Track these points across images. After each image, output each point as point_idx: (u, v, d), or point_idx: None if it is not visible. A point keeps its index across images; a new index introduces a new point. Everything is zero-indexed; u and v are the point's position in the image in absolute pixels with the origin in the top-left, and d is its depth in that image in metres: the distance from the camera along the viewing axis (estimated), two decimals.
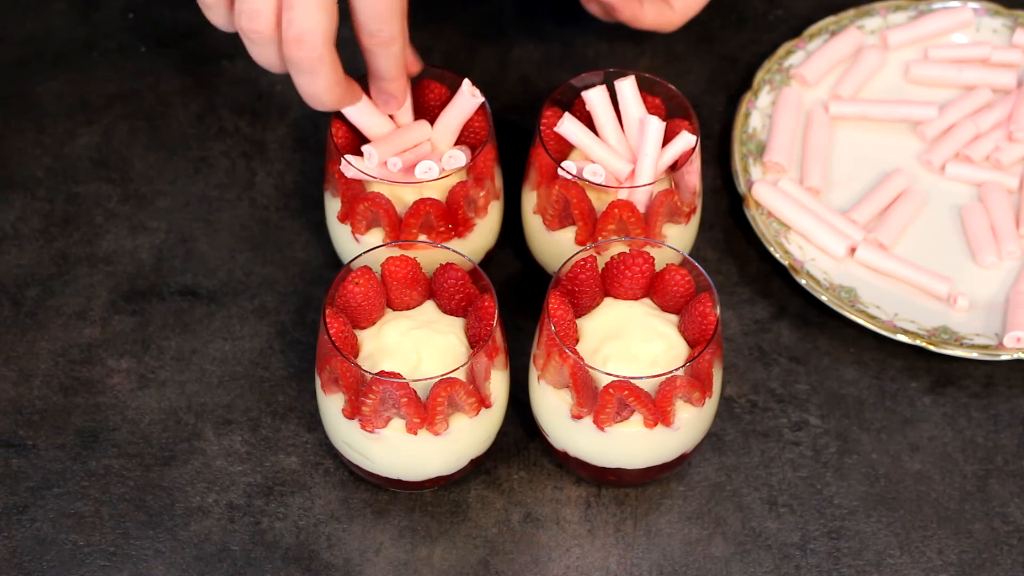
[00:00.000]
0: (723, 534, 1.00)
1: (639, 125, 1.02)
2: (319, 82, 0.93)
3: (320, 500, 1.00)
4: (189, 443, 1.02)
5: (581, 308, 0.98)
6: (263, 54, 0.94)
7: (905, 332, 1.06)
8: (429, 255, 0.99)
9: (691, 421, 0.96)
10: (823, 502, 1.01)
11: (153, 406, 1.04)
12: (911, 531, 1.00)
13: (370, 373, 0.93)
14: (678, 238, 1.04)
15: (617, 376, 0.93)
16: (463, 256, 0.98)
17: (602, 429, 0.95)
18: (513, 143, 1.13)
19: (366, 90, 1.03)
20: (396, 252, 0.98)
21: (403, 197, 1.01)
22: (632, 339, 0.96)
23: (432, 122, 1.03)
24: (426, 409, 0.93)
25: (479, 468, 1.01)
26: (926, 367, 1.07)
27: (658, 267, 0.98)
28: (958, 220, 1.12)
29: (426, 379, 0.93)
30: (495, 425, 0.98)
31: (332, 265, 1.09)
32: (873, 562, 0.99)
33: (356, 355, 0.97)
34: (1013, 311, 1.06)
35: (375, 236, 1.02)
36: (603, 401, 0.94)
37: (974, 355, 1.05)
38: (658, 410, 0.94)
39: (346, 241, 1.04)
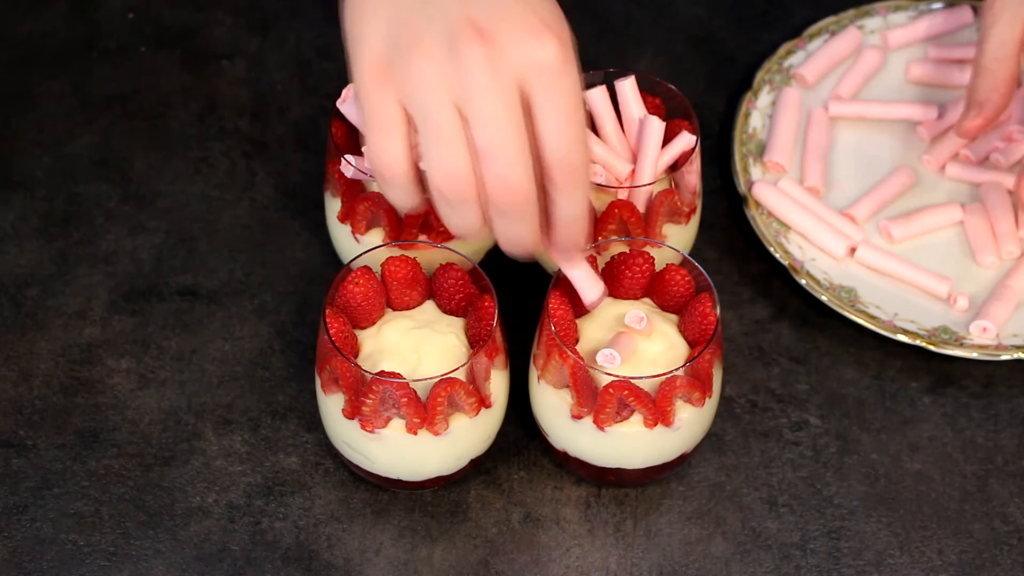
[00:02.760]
0: (723, 534, 1.00)
1: (639, 125, 1.02)
2: (526, 226, 0.86)
3: (320, 500, 1.00)
4: (189, 443, 1.02)
5: (581, 308, 0.97)
6: (464, 215, 0.85)
7: (905, 332, 1.06)
8: (429, 255, 0.99)
9: (691, 421, 0.96)
10: (823, 502, 1.01)
11: (153, 406, 1.04)
12: (911, 531, 1.00)
13: (370, 373, 0.93)
14: (678, 238, 1.04)
15: (617, 376, 0.93)
16: (463, 256, 0.98)
17: (602, 429, 0.95)
18: None
19: None
20: (396, 252, 0.98)
21: None
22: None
23: None
24: (426, 409, 0.93)
25: (479, 468, 1.01)
26: (926, 367, 1.07)
27: (658, 267, 0.98)
28: (958, 220, 1.12)
29: (426, 379, 0.93)
30: (495, 425, 0.98)
31: (332, 265, 1.09)
32: (873, 562, 0.99)
33: (356, 355, 0.96)
34: (991, 303, 1.06)
35: (375, 236, 1.02)
36: (603, 401, 0.94)
37: (974, 355, 1.05)
38: (658, 410, 0.94)
39: (346, 241, 1.04)
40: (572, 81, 0.83)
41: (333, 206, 1.04)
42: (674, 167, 1.03)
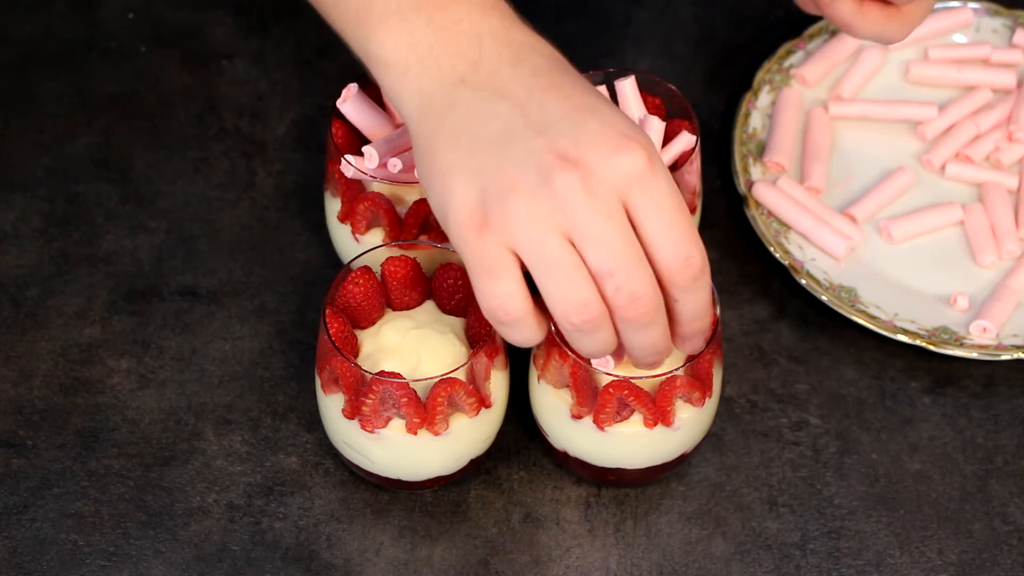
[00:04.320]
0: (723, 534, 1.00)
1: (639, 125, 1.02)
2: (657, 331, 0.85)
3: (320, 500, 1.00)
4: (189, 443, 1.02)
5: None
6: (597, 339, 0.84)
7: (905, 332, 1.05)
8: (429, 255, 0.99)
9: (691, 421, 0.96)
10: (823, 502, 1.01)
11: (153, 406, 1.04)
12: (911, 531, 1.00)
13: (370, 373, 0.93)
14: None
15: (617, 376, 0.93)
16: None
17: (602, 429, 0.95)
18: None
19: (365, 89, 1.03)
20: (396, 252, 0.98)
21: (403, 197, 1.01)
22: None
23: None
24: (426, 409, 0.93)
25: (479, 468, 1.01)
26: (926, 367, 1.07)
27: None
28: (958, 220, 1.12)
29: (426, 379, 0.93)
30: (495, 425, 0.98)
31: (332, 265, 1.09)
32: (873, 562, 0.99)
33: (356, 355, 0.96)
34: (991, 303, 1.06)
35: (375, 236, 1.02)
36: (603, 401, 0.94)
37: (974, 355, 1.05)
38: (658, 410, 0.94)
39: (346, 241, 1.04)
40: (666, 181, 0.83)
41: (333, 206, 1.04)
42: (674, 167, 1.03)
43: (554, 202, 0.82)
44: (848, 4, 0.98)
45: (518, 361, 1.00)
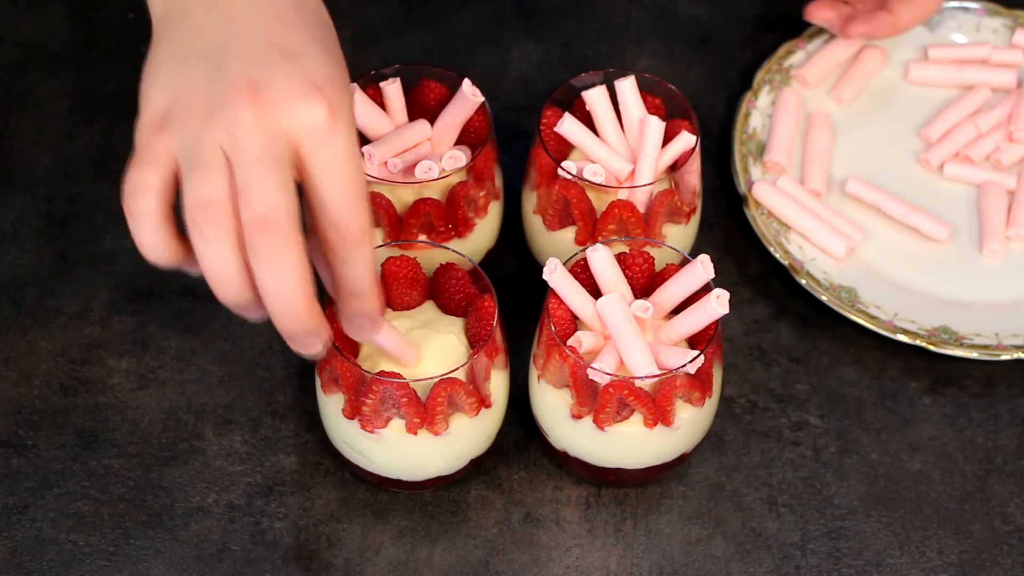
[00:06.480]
0: (723, 534, 1.00)
1: (639, 125, 1.02)
2: (286, 271, 0.81)
3: (320, 500, 1.00)
4: (189, 443, 1.02)
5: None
6: (216, 248, 0.81)
7: (905, 332, 1.06)
8: (429, 255, 0.99)
9: (691, 421, 0.96)
10: (823, 502, 1.01)
11: (153, 406, 1.04)
12: (911, 531, 1.00)
13: (370, 373, 0.93)
14: (678, 238, 1.04)
15: (617, 376, 0.93)
16: (463, 256, 0.98)
17: (602, 429, 0.95)
18: (513, 143, 1.13)
19: (365, 89, 1.03)
20: (396, 252, 0.98)
21: (403, 197, 1.01)
22: None
23: (432, 122, 1.03)
24: (426, 409, 0.94)
25: (479, 468, 1.01)
26: (926, 367, 1.07)
27: (658, 267, 0.98)
28: (958, 219, 1.12)
29: (426, 379, 0.93)
30: (495, 425, 0.98)
31: None
32: (873, 562, 0.99)
33: (356, 355, 0.97)
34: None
35: (375, 236, 1.02)
36: (603, 401, 0.94)
37: (974, 355, 1.05)
38: (658, 410, 0.94)
39: None
40: (342, 140, 0.82)
41: None
42: (674, 167, 1.03)
43: (225, 121, 0.81)
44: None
45: (518, 361, 1.00)
